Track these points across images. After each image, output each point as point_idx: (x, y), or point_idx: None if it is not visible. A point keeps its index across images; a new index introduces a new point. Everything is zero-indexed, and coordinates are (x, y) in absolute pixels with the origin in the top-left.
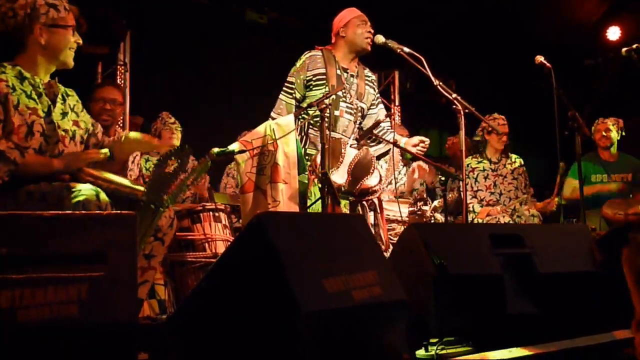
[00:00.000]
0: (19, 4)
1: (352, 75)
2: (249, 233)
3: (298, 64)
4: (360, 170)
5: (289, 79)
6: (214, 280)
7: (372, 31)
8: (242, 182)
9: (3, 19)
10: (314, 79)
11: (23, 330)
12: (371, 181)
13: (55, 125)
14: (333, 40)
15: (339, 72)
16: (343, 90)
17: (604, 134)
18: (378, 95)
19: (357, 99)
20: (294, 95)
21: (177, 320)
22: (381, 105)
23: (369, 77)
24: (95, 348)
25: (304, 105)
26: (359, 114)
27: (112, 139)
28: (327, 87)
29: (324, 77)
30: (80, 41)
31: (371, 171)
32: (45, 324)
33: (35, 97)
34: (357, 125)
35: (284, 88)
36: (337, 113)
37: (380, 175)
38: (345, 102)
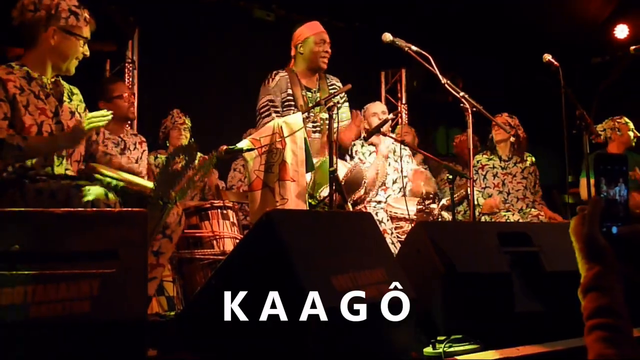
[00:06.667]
0: (44, 2)
1: (314, 92)
2: (259, 230)
3: (272, 84)
4: (351, 185)
5: (268, 97)
6: (223, 277)
7: (329, 51)
8: (251, 180)
9: (23, 11)
10: (285, 102)
11: (35, 326)
12: (361, 191)
13: (63, 125)
14: (292, 53)
15: (303, 92)
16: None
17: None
18: (344, 97)
19: (322, 112)
20: (280, 113)
21: (186, 316)
22: (346, 104)
23: (331, 85)
24: (105, 344)
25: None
26: (326, 125)
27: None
28: (295, 109)
29: (292, 99)
30: (88, 54)
31: (363, 184)
32: (57, 319)
33: (43, 98)
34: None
35: (271, 108)
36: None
37: (366, 186)
38: (312, 122)
